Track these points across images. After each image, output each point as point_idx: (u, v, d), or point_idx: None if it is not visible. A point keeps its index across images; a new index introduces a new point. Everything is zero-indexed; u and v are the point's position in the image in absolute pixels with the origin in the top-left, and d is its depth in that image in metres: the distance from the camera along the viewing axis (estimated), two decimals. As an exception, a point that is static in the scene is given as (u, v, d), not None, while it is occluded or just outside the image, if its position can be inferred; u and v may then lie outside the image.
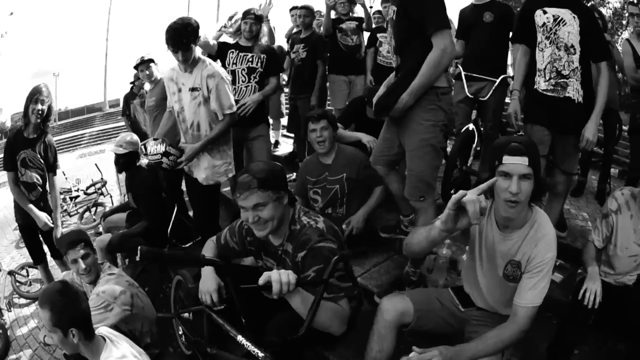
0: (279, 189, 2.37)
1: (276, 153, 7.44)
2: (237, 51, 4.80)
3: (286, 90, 7.23)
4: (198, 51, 3.89)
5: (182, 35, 3.65)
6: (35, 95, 4.13)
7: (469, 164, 4.33)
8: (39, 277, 5.92)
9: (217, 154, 4.03)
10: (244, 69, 4.75)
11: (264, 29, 5.09)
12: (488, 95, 4.41)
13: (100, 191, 10.36)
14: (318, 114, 3.86)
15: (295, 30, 6.99)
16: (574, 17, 3.21)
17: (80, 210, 9.71)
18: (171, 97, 4.07)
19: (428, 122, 2.95)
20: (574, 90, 3.29)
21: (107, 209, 8.50)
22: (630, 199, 2.97)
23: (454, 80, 4.72)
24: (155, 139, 3.92)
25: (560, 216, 4.05)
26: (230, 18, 5.31)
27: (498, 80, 4.39)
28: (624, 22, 15.63)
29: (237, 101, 4.59)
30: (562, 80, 3.31)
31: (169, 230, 4.65)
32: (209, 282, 2.57)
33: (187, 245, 4.79)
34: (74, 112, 41.74)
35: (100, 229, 5.96)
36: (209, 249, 2.81)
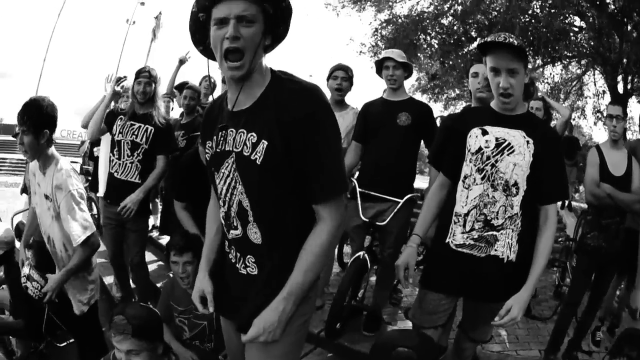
0: (154, 339, 2.33)
1: (160, 240, 6.69)
2: (126, 119, 4.25)
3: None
4: (52, 150, 3.13)
5: (33, 114, 2.95)
6: None
7: (359, 296, 3.78)
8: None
9: (75, 281, 3.24)
10: (128, 142, 4.22)
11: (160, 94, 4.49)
12: (387, 220, 3.70)
13: None
14: (180, 246, 3.21)
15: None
16: (527, 141, 2.40)
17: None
18: (32, 195, 3.42)
19: (301, 318, 1.89)
20: (504, 246, 2.43)
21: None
22: None
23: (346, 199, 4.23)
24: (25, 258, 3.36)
25: None
26: (119, 81, 4.71)
27: (402, 202, 3.69)
28: (562, 96, 15.77)
29: (120, 180, 4.26)
30: (489, 233, 2.43)
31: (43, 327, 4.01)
32: None
33: (62, 344, 4.17)
34: (6, 128, 39.86)
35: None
36: None
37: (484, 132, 2.47)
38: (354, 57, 15.53)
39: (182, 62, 6.42)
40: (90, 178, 7.50)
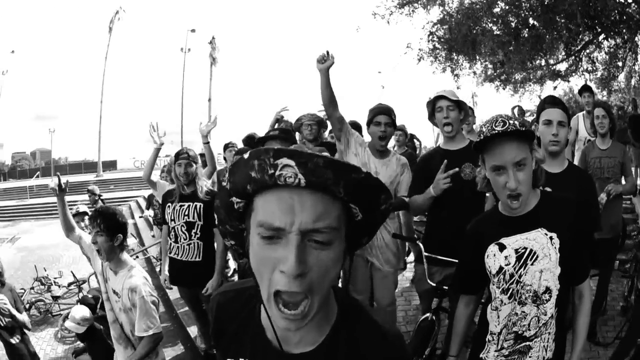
0: None
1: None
2: (175, 203, 4.36)
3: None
4: (125, 256, 3.46)
5: (106, 218, 3.25)
6: None
7: (426, 354, 3.63)
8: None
9: None
10: (182, 225, 4.29)
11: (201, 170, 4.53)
12: None
13: (79, 289, 9.64)
14: None
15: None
16: (550, 238, 2.09)
17: (63, 314, 8.44)
18: (98, 276, 3.66)
19: None
20: (540, 350, 2.18)
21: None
22: None
23: (412, 262, 4.03)
24: None
25: None
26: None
27: None
28: (620, 64, 14.74)
29: (181, 262, 4.35)
30: (522, 344, 2.17)
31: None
32: None
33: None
34: (72, 166, 41.95)
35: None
36: None
37: (501, 247, 2.18)
38: (414, 64, 15.03)
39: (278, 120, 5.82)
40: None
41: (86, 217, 6.35)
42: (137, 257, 10.35)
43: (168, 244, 4.56)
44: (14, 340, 5.19)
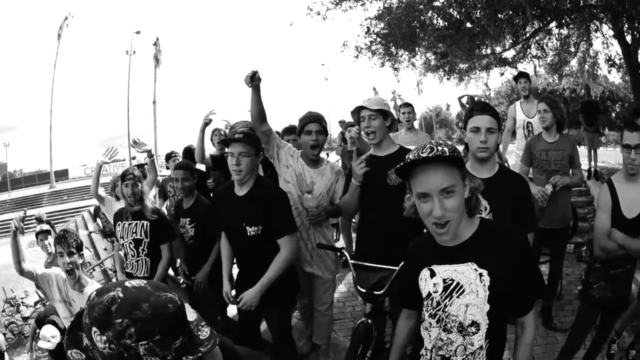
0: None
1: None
2: (124, 221, 4.53)
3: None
4: (82, 273, 3.71)
5: (74, 237, 3.59)
6: None
7: (367, 356, 3.58)
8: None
9: None
10: (130, 242, 4.46)
11: (146, 188, 4.70)
12: (385, 289, 3.42)
13: (44, 307, 9.67)
14: None
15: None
16: (480, 274, 1.99)
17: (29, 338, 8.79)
18: (57, 305, 3.79)
19: None
20: None
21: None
22: None
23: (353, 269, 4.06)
24: None
25: None
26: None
27: (398, 268, 3.28)
28: (572, 49, 14.90)
29: (130, 275, 4.46)
30: None
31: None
32: None
33: None
34: (26, 178, 41.24)
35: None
36: None
37: (432, 274, 2.11)
38: (351, 62, 14.76)
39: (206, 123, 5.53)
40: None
41: (49, 236, 6.36)
42: (94, 270, 10.37)
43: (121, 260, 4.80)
44: None
